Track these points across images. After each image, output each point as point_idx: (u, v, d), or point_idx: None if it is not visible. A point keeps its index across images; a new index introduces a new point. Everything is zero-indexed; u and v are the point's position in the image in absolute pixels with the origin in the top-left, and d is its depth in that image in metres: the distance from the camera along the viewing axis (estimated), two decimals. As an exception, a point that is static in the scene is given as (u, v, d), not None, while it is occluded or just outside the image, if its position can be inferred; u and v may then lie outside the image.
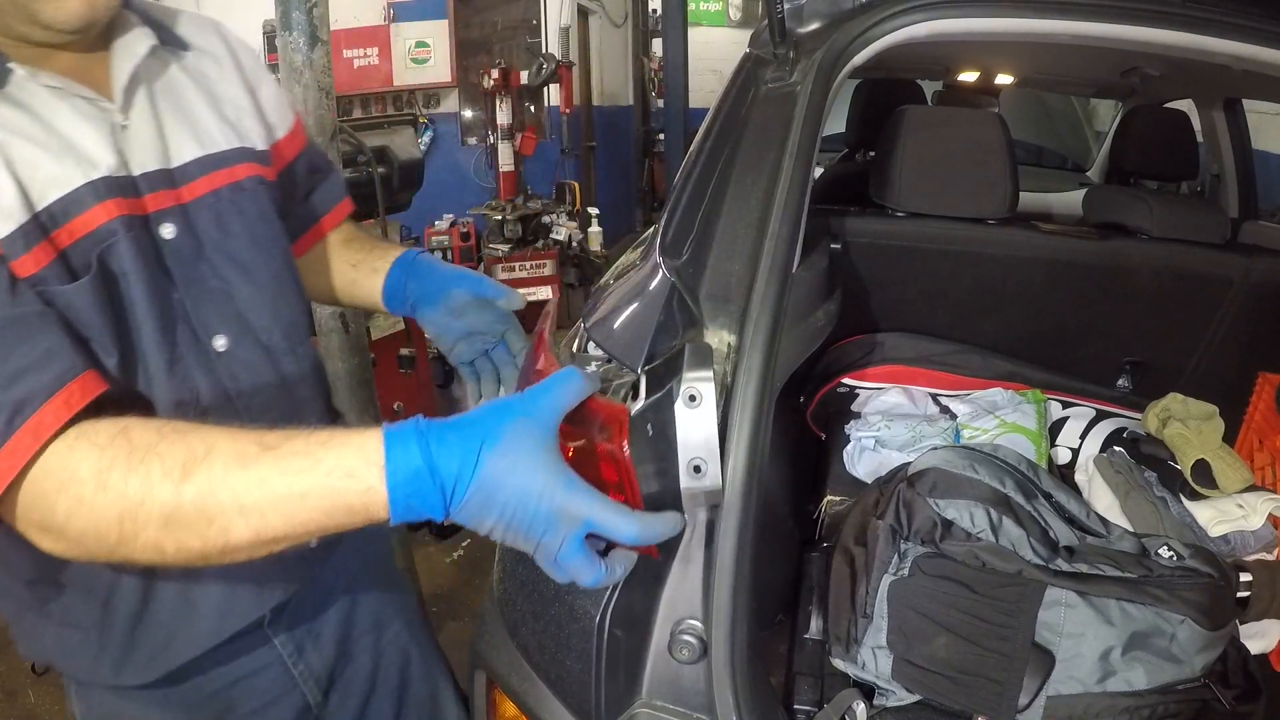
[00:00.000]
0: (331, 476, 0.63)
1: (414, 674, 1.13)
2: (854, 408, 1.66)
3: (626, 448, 0.69)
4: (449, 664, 1.21)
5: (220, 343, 0.86)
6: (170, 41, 0.87)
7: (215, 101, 0.91)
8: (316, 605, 1.00)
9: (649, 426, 0.70)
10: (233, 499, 0.63)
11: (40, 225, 0.72)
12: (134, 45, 0.82)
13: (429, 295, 1.06)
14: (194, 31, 0.93)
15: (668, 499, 0.69)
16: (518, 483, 0.63)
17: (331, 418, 1.03)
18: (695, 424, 0.68)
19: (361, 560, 1.07)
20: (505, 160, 5.40)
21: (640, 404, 0.72)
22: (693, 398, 0.68)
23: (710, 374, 0.70)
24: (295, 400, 0.96)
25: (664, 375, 0.74)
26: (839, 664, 1.14)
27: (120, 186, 0.78)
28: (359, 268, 1.12)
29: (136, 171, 0.80)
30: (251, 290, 0.89)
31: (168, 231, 0.82)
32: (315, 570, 0.98)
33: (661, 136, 7.54)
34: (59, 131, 0.75)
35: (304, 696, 0.99)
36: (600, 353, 0.88)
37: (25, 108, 0.73)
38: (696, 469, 0.68)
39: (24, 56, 0.74)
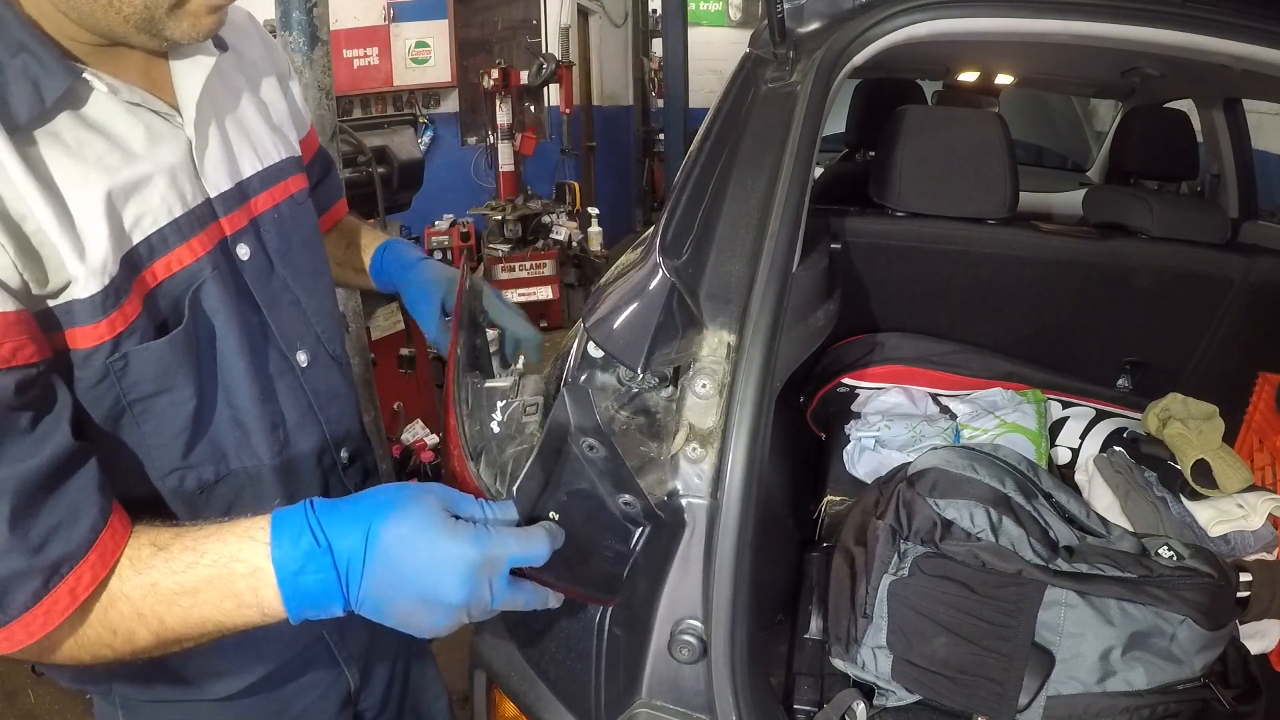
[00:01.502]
0: (216, 565, 0.60)
1: (413, 652, 1.14)
2: (854, 408, 1.66)
3: None
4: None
5: (302, 357, 0.86)
6: (216, 44, 0.82)
7: (263, 109, 0.89)
8: None
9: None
10: (130, 608, 0.61)
11: (131, 270, 0.68)
12: (198, 55, 0.76)
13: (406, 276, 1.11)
14: (232, 30, 0.87)
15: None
16: (424, 549, 0.60)
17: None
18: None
19: None
20: (505, 160, 5.41)
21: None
22: (591, 446, 0.67)
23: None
24: (355, 406, 0.98)
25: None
26: (839, 664, 1.14)
27: (200, 219, 0.75)
28: (353, 246, 1.16)
29: (213, 193, 0.77)
30: (316, 302, 0.90)
31: (244, 252, 0.80)
32: None
33: (661, 136, 7.54)
34: (137, 156, 0.70)
35: (348, 682, 1.00)
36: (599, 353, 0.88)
37: (102, 130, 0.68)
38: (627, 503, 0.68)
39: (93, 56, 0.68)
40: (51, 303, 0.64)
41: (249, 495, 0.82)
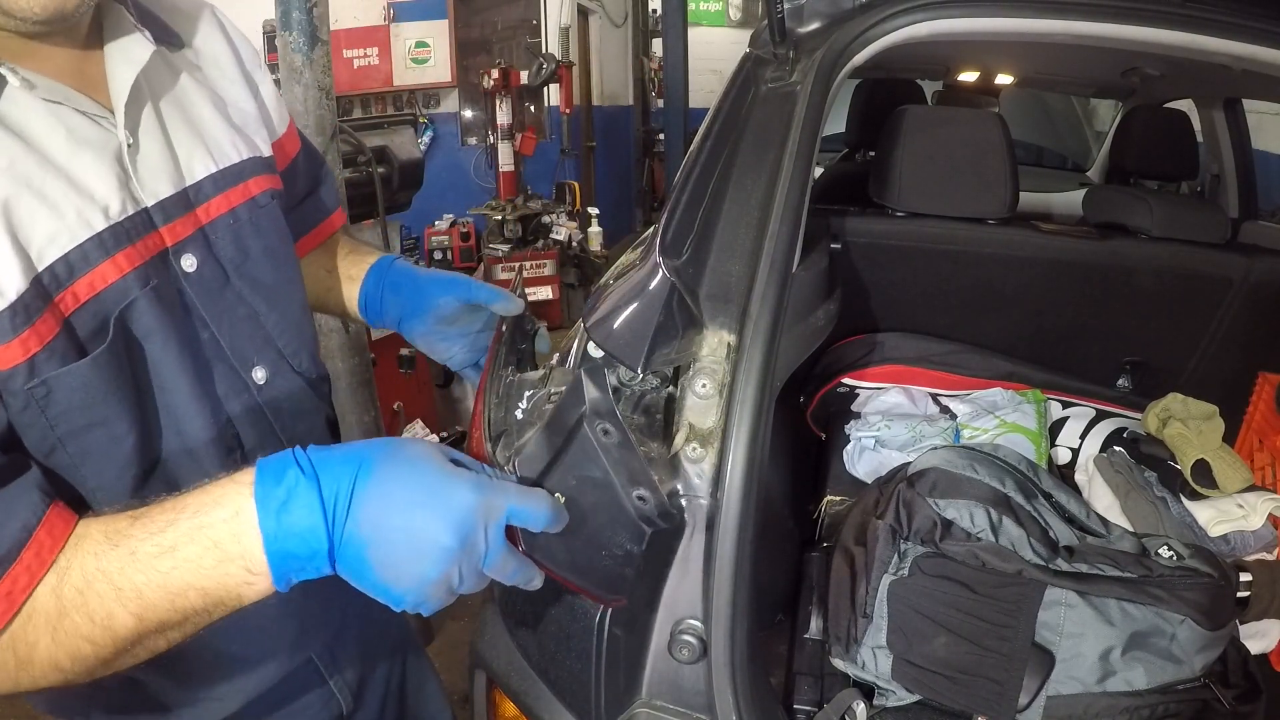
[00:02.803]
0: (197, 514, 0.56)
1: (410, 666, 1.13)
2: (854, 408, 1.66)
3: None
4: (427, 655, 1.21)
5: (260, 374, 0.80)
6: (164, 38, 0.76)
7: (221, 106, 0.82)
8: (342, 611, 0.97)
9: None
10: (108, 585, 0.56)
11: (42, 292, 0.61)
12: (133, 49, 0.71)
13: (413, 308, 0.99)
14: (188, 23, 0.82)
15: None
16: (419, 486, 0.56)
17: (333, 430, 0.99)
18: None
19: None
20: (505, 160, 5.40)
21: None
22: (606, 432, 0.65)
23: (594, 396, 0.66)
24: (328, 422, 0.93)
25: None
26: (839, 664, 1.14)
27: (129, 232, 0.68)
28: (333, 274, 1.05)
29: (149, 201, 0.70)
30: (278, 315, 0.83)
31: (189, 263, 0.74)
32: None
33: (661, 136, 7.54)
34: (56, 164, 0.64)
35: (339, 705, 0.97)
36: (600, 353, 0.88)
37: (17, 132, 0.62)
38: (641, 499, 0.66)
39: (13, 49, 0.63)
40: None
41: None
